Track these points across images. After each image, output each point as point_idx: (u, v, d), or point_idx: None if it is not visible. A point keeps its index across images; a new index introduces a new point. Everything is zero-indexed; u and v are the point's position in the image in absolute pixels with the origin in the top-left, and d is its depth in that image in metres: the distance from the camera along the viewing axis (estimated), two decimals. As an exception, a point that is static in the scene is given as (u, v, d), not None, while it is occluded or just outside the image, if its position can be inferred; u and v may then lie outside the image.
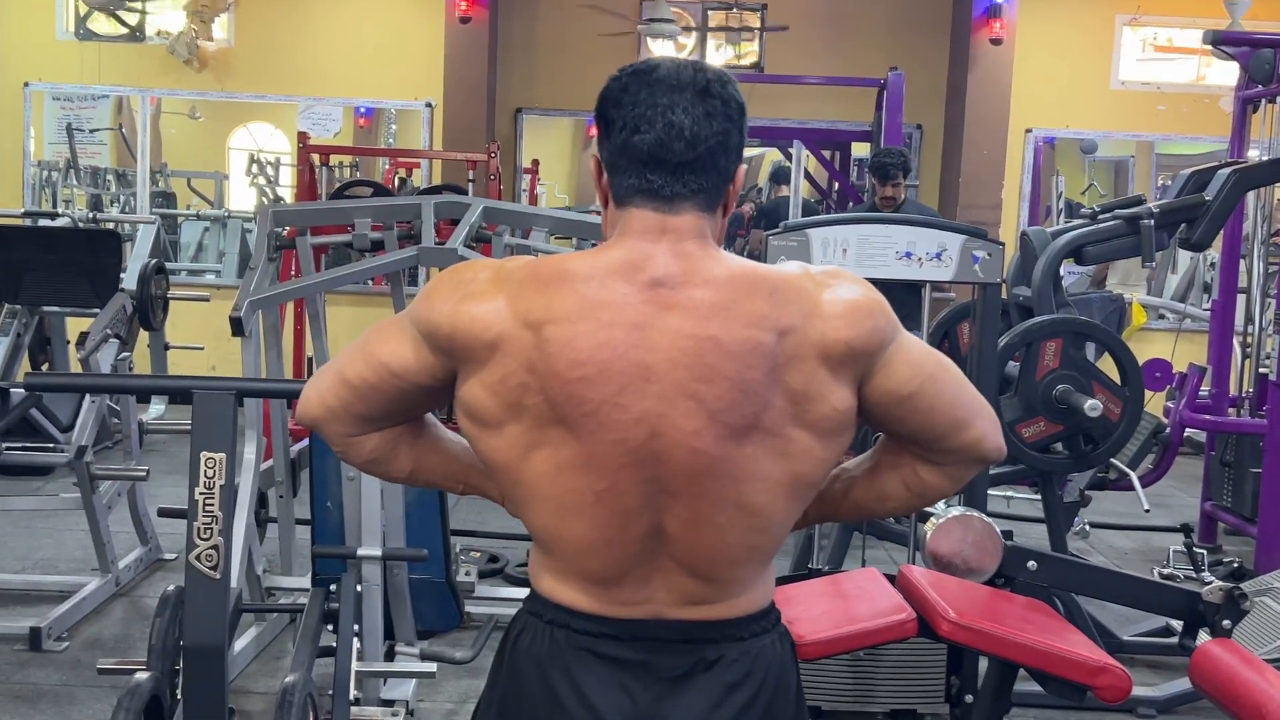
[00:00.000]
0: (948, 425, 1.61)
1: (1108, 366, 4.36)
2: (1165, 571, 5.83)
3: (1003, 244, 3.53)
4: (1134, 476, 5.91)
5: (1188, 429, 6.37)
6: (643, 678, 1.57)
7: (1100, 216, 4.51)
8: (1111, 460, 5.90)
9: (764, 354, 1.50)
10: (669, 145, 1.53)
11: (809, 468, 1.56)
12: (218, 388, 2.82)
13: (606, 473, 1.51)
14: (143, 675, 2.89)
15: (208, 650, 2.77)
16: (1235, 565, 5.80)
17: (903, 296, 4.70)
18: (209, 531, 2.75)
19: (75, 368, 6.54)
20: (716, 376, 1.49)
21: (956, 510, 3.40)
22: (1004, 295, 5.18)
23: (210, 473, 2.76)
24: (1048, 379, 4.11)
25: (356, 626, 3.64)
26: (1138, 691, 4.40)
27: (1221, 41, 5.92)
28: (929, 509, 3.77)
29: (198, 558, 2.76)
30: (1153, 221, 4.30)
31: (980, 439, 1.63)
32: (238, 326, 4.15)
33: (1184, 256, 9.38)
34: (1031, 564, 3.36)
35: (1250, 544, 5.86)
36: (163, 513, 4.13)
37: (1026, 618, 3.07)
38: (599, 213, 1.60)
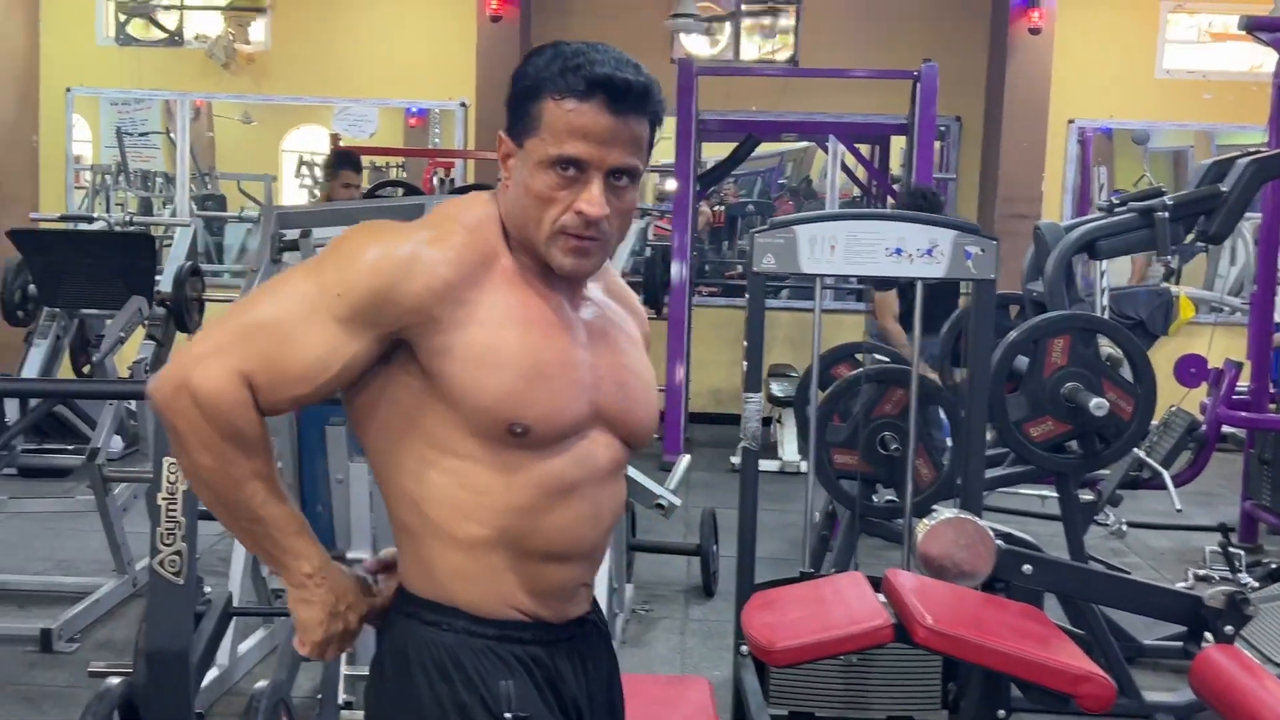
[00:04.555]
0: None
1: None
2: (1201, 573, 5.68)
3: (996, 239, 3.43)
4: (1166, 475, 5.78)
5: (1227, 426, 6.21)
6: None
7: (1116, 209, 4.39)
8: (1145, 458, 5.78)
9: None
10: None
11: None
12: (179, 392, 2.81)
13: None
14: (114, 680, 2.89)
15: (170, 655, 2.77)
16: (1274, 566, 5.64)
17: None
18: (172, 537, 2.75)
19: (124, 371, 6.63)
20: None
21: (949, 513, 3.32)
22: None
23: (173, 478, 2.75)
24: (1055, 376, 4.00)
25: (347, 630, 3.64)
26: (1157, 697, 4.29)
27: (1256, 27, 5.75)
28: (933, 509, 3.70)
29: (161, 563, 2.76)
30: (1167, 214, 4.18)
31: None
32: (237, 329, 4.15)
33: (1242, 248, 9.12)
34: (1027, 568, 3.27)
35: (1292, 544, 5.71)
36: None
37: (1013, 624, 2.98)
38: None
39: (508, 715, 1.58)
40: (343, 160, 6.90)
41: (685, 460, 5.41)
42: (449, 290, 1.55)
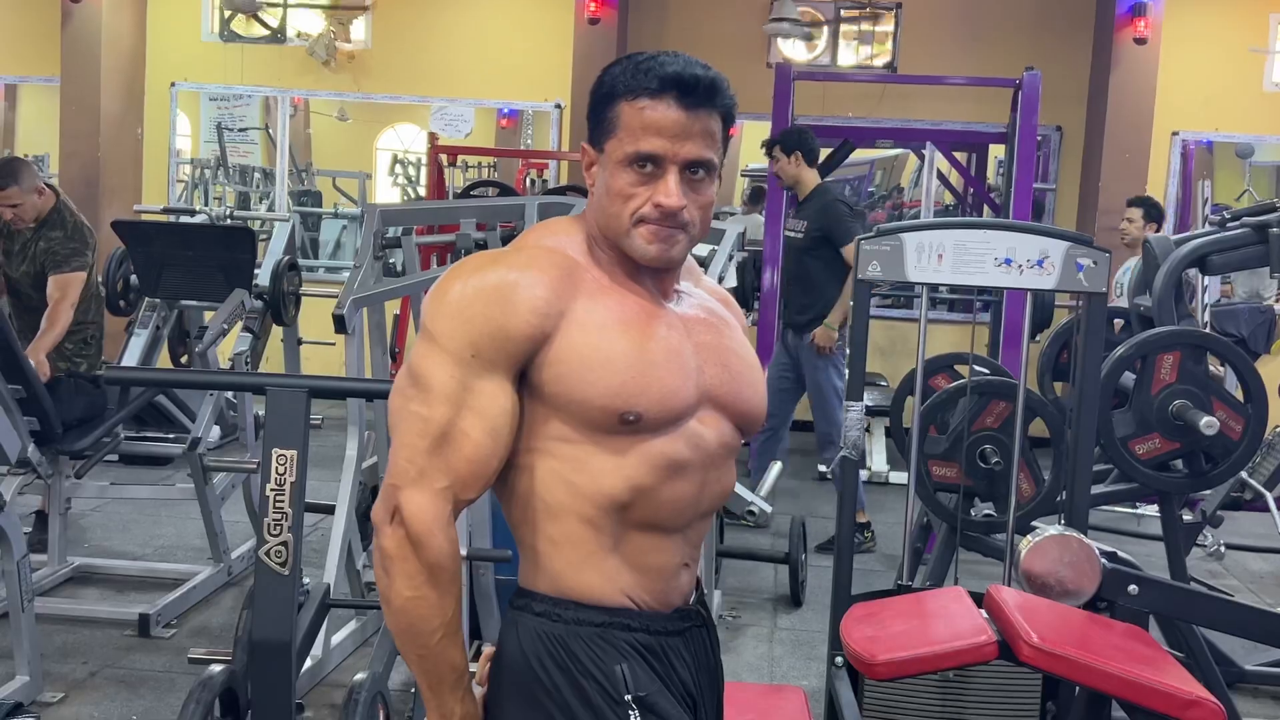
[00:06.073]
0: None
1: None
2: (1303, 599, 5.55)
3: (1109, 251, 3.36)
4: (1270, 497, 5.63)
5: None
6: None
7: (1228, 224, 4.29)
8: (1247, 479, 5.64)
9: None
10: None
11: None
12: (290, 385, 2.84)
13: None
14: (217, 668, 2.93)
15: (275, 645, 2.79)
16: (1380, 594, 5.49)
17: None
18: (279, 528, 2.78)
19: (223, 362, 6.72)
20: None
21: (1054, 529, 3.26)
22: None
23: (281, 469, 2.78)
24: (1164, 394, 3.91)
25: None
26: (1259, 724, 4.19)
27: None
28: (1034, 525, 3.64)
29: (267, 553, 2.79)
30: (1283, 230, 4.07)
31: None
32: (340, 324, 4.21)
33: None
34: (1132, 588, 3.19)
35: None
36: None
37: (1119, 645, 2.91)
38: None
39: (628, 696, 1.61)
40: None
41: (777, 467, 5.39)
42: (549, 305, 1.61)
